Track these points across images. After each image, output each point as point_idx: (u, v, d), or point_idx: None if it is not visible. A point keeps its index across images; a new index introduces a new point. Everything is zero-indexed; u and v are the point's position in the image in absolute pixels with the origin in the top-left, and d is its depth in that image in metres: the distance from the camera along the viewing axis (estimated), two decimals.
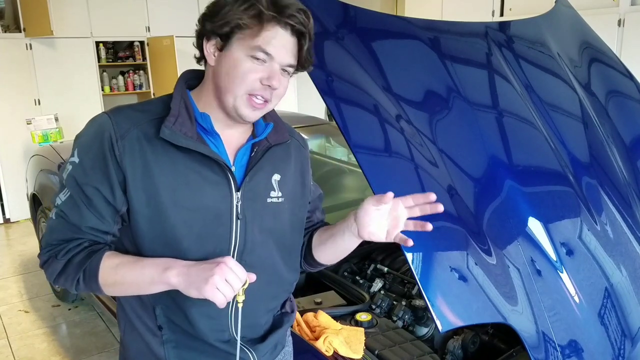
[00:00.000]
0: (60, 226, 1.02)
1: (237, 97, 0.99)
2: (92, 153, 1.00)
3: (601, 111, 1.96)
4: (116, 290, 1.02)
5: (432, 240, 1.30)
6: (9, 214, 5.41)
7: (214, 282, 0.89)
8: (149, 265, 0.98)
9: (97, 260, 0.99)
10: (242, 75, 0.97)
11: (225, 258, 0.93)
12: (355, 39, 1.49)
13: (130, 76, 6.27)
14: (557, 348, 1.33)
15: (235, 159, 1.08)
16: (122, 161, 0.98)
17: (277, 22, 0.95)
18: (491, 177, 1.51)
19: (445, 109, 1.57)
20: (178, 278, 0.94)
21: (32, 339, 3.17)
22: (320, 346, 1.43)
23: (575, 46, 2.13)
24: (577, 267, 1.49)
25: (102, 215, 1.01)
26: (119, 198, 1.00)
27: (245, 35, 0.96)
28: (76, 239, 1.02)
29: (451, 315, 1.21)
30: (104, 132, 0.99)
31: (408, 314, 1.69)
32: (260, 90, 0.99)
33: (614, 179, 1.80)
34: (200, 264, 0.94)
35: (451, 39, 1.76)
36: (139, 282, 0.98)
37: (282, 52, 0.97)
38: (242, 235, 1.07)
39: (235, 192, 1.05)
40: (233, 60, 0.97)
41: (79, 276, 1.00)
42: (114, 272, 0.99)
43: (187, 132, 1.00)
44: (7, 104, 5.16)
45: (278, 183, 1.12)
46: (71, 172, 1.02)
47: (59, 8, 5.21)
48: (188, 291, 0.93)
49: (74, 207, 1.01)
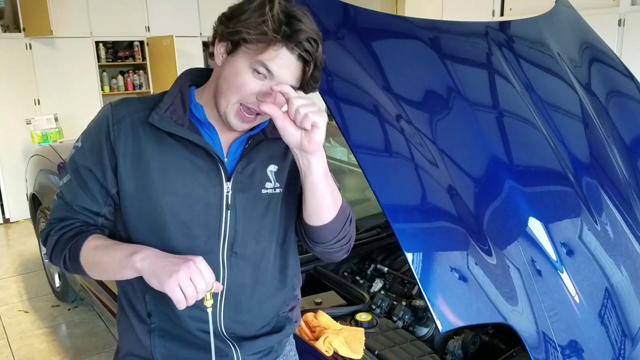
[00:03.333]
0: (58, 205, 1.08)
1: (230, 104, 0.99)
2: (92, 138, 1.05)
3: (601, 111, 1.96)
4: (94, 272, 1.04)
5: (432, 240, 1.30)
6: (8, 214, 5.41)
7: (177, 278, 0.88)
8: (123, 248, 0.99)
9: (82, 240, 1.02)
10: (240, 86, 0.97)
11: (195, 257, 0.92)
12: (355, 38, 1.49)
13: (130, 76, 6.27)
14: (558, 348, 1.33)
15: (229, 150, 1.08)
16: (116, 144, 1.02)
17: (285, 44, 0.94)
18: (491, 177, 1.51)
19: (445, 109, 1.57)
20: (142, 263, 0.93)
21: (31, 339, 3.17)
22: (320, 346, 1.43)
23: (575, 46, 2.13)
24: (577, 267, 1.49)
25: (93, 196, 1.05)
26: (110, 179, 1.04)
27: (252, 47, 0.96)
28: (70, 219, 1.06)
29: (451, 316, 1.21)
30: (103, 118, 1.05)
31: (408, 314, 1.69)
32: (253, 104, 0.99)
33: (614, 179, 1.80)
34: (170, 256, 0.94)
35: (451, 38, 1.76)
36: (111, 264, 0.99)
37: (284, 72, 0.97)
38: (232, 226, 1.06)
39: (225, 182, 1.05)
40: (235, 68, 0.98)
41: (65, 253, 1.04)
42: (92, 253, 1.01)
43: (178, 120, 1.02)
44: (7, 104, 5.16)
45: (275, 174, 1.11)
46: (73, 155, 1.08)
47: (59, 8, 5.21)
48: (150, 280, 0.92)
49: (71, 188, 1.06)
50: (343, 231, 1.11)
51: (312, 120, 0.93)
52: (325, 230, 1.08)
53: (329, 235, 1.10)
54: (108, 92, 6.07)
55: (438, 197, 1.37)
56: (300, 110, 0.93)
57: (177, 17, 6.06)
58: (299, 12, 0.96)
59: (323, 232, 1.09)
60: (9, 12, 5.46)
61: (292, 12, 0.95)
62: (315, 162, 0.99)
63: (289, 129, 0.95)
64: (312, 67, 0.98)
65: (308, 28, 0.95)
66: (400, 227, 1.24)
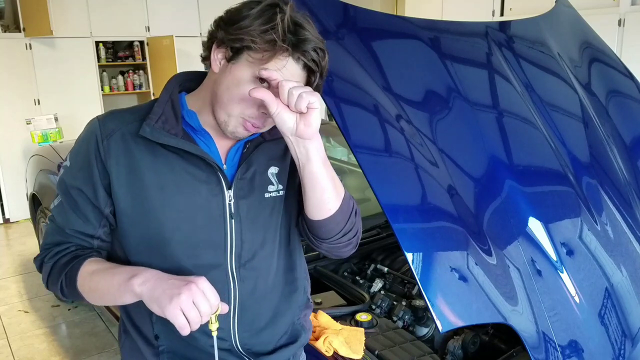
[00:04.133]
0: (51, 230, 1.03)
1: (231, 116, 0.94)
2: (80, 156, 1.00)
3: (601, 111, 1.96)
4: (93, 297, 0.98)
5: (432, 240, 1.30)
6: (8, 214, 5.41)
7: (179, 303, 0.82)
8: (120, 272, 0.93)
9: (77, 265, 0.97)
10: (242, 97, 0.92)
11: (197, 278, 0.86)
12: (355, 38, 1.49)
13: (130, 76, 6.27)
14: (558, 348, 1.33)
15: (227, 157, 1.03)
16: (107, 160, 0.97)
17: (290, 54, 0.89)
18: (491, 177, 1.51)
19: (445, 109, 1.57)
20: (141, 287, 0.88)
21: (31, 339, 3.17)
22: (320, 346, 1.43)
23: (575, 46, 2.13)
24: (577, 267, 1.49)
25: (86, 218, 1.00)
26: (102, 199, 0.98)
27: (255, 57, 0.90)
28: (64, 243, 1.01)
29: (451, 316, 1.21)
30: (91, 134, 0.99)
31: (408, 314, 1.69)
32: (255, 117, 0.94)
33: (614, 179, 1.80)
34: (171, 278, 0.88)
35: (451, 38, 1.76)
36: (110, 290, 0.94)
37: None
38: (238, 236, 1.02)
39: (226, 190, 1.00)
40: (237, 78, 0.92)
41: (62, 280, 0.99)
42: (90, 279, 0.96)
43: (171, 130, 0.96)
44: (7, 104, 5.16)
45: (276, 176, 1.06)
46: (62, 176, 1.02)
47: (59, 8, 5.21)
48: (150, 305, 0.87)
49: (62, 211, 1.01)
50: (349, 223, 1.05)
51: (307, 100, 0.87)
52: (330, 224, 1.02)
53: (334, 228, 1.03)
54: (108, 92, 6.07)
55: (438, 197, 1.37)
56: (294, 91, 0.87)
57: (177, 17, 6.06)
58: (303, 19, 0.91)
59: (328, 225, 1.02)
60: (9, 12, 5.46)
61: (297, 20, 0.90)
62: (314, 150, 0.93)
63: (283, 115, 0.89)
64: (317, 77, 0.93)
65: (314, 36, 0.90)
66: (400, 227, 1.24)
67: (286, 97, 0.88)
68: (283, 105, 0.89)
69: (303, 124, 0.90)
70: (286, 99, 0.88)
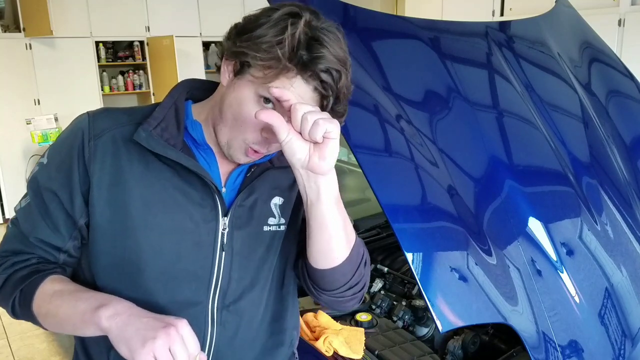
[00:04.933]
0: (12, 236, 0.88)
1: (233, 140, 0.84)
2: (61, 154, 0.86)
3: (601, 111, 1.96)
4: (50, 323, 0.83)
5: (432, 240, 1.30)
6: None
7: (153, 348, 0.69)
8: (86, 299, 0.79)
9: (36, 281, 0.83)
10: (243, 118, 0.81)
11: (177, 320, 0.73)
12: (355, 38, 1.49)
13: (130, 76, 6.27)
14: (558, 348, 1.33)
15: (228, 179, 0.91)
16: (90, 164, 0.83)
17: (299, 73, 0.77)
18: (491, 177, 1.51)
19: (445, 109, 1.57)
20: (110, 322, 0.74)
21: (32, 339, 3.17)
22: (320, 346, 1.43)
23: (575, 46, 2.13)
24: (577, 267, 1.49)
25: (56, 227, 0.86)
26: (78, 207, 0.84)
27: (257, 74, 0.78)
28: (25, 253, 0.87)
29: (451, 316, 1.21)
30: (77, 131, 0.85)
31: (408, 314, 1.68)
32: (258, 143, 0.83)
33: (614, 179, 1.80)
34: (146, 315, 0.75)
35: (451, 39, 1.76)
36: (71, 318, 0.79)
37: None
38: (226, 272, 0.89)
39: (222, 217, 0.88)
40: (239, 96, 0.81)
41: (15, 296, 0.84)
42: (49, 301, 0.81)
43: (170, 140, 0.84)
44: (7, 104, 5.16)
45: (279, 207, 0.94)
46: (36, 173, 0.88)
47: (59, 8, 5.21)
48: (118, 346, 0.73)
49: (29, 215, 0.87)
50: (357, 275, 0.91)
51: (324, 128, 0.74)
52: (336, 274, 0.89)
53: (340, 279, 0.90)
54: (108, 92, 6.08)
55: (438, 197, 1.37)
56: (309, 117, 0.74)
57: (177, 17, 6.06)
58: (327, 33, 0.78)
59: (332, 276, 0.89)
60: (9, 12, 5.46)
61: (316, 34, 0.77)
62: (326, 187, 0.80)
63: (294, 144, 0.76)
64: (331, 101, 0.80)
65: (332, 55, 0.77)
66: (400, 227, 1.24)
67: (299, 124, 0.75)
68: (295, 132, 0.76)
69: (317, 156, 0.77)
70: (299, 126, 0.75)
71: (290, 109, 0.76)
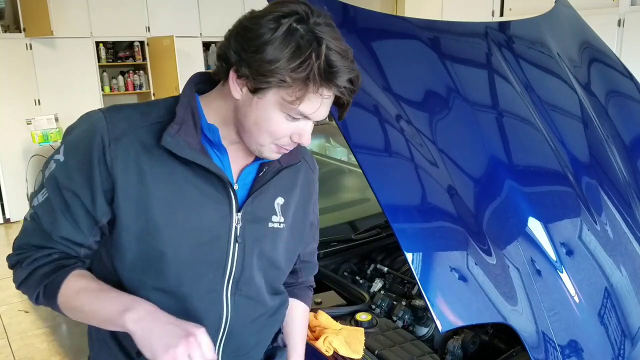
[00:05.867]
0: (33, 230, 0.93)
1: (265, 146, 0.91)
2: (79, 154, 0.89)
3: (601, 111, 1.96)
4: (75, 316, 0.90)
5: (432, 240, 1.30)
6: (9, 214, 5.41)
7: (175, 356, 0.77)
8: (112, 299, 0.87)
9: (60, 278, 0.89)
10: (273, 131, 0.88)
11: (197, 329, 0.81)
12: (355, 39, 1.49)
13: (130, 76, 6.27)
14: (557, 348, 1.33)
15: (240, 177, 0.98)
16: (113, 167, 0.87)
17: (325, 86, 0.83)
18: (491, 177, 1.52)
19: (445, 109, 1.57)
20: (135, 326, 0.81)
21: (32, 339, 3.17)
22: (320, 346, 1.43)
23: (575, 46, 2.13)
24: (577, 267, 1.49)
25: (77, 225, 0.90)
26: (100, 208, 0.89)
27: (285, 92, 0.83)
28: (46, 248, 0.92)
29: (451, 315, 1.21)
30: (95, 132, 0.88)
31: (408, 314, 1.69)
32: (288, 144, 0.92)
33: (614, 179, 1.80)
34: (169, 321, 0.82)
35: (451, 39, 1.76)
36: (97, 317, 0.87)
37: (322, 112, 0.87)
38: (239, 262, 0.98)
39: (235, 212, 0.95)
40: (265, 113, 0.86)
41: (39, 290, 0.91)
42: (75, 297, 0.88)
43: (191, 143, 0.89)
44: (7, 104, 5.17)
45: (281, 207, 1.02)
46: (53, 171, 0.91)
47: (59, 8, 5.21)
48: (141, 347, 0.80)
49: (49, 212, 0.90)
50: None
51: None
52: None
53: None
54: (108, 92, 6.08)
55: (438, 197, 1.38)
56: None
57: (177, 17, 6.07)
58: (325, 29, 0.83)
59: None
60: (9, 13, 5.46)
61: (328, 47, 0.82)
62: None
63: None
64: (349, 100, 0.89)
65: (348, 65, 0.84)
66: (400, 227, 1.24)
67: None
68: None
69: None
70: None
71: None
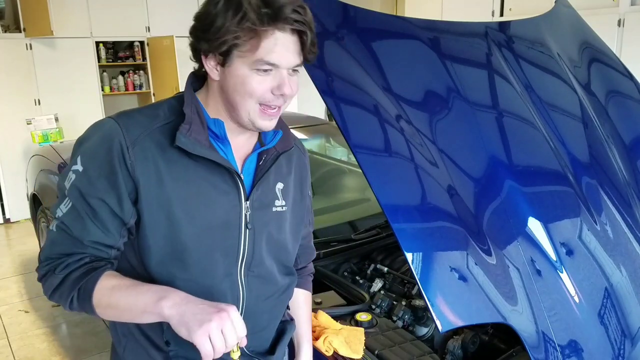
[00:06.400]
0: (62, 239, 0.96)
1: (251, 111, 0.95)
2: (99, 161, 0.93)
3: (601, 111, 1.96)
4: (109, 314, 0.95)
5: (432, 240, 1.30)
6: (9, 214, 5.41)
7: (208, 329, 0.82)
8: (145, 291, 0.91)
9: (94, 279, 0.93)
10: (252, 91, 0.93)
11: (229, 306, 0.86)
12: (355, 39, 1.50)
13: (130, 76, 6.27)
14: (557, 348, 1.33)
15: (244, 167, 1.05)
16: (135, 170, 0.92)
17: (274, 27, 0.89)
18: (491, 177, 1.52)
19: (445, 109, 1.57)
20: (171, 310, 0.86)
21: (32, 339, 3.17)
22: (320, 346, 1.43)
23: (575, 46, 2.13)
24: (577, 267, 1.49)
25: (107, 229, 0.95)
26: (127, 210, 0.94)
27: (245, 50, 0.90)
28: (77, 254, 0.95)
29: (451, 315, 1.21)
30: (112, 139, 0.93)
31: (408, 314, 1.69)
32: (273, 100, 0.95)
33: (614, 179, 1.80)
34: (201, 302, 0.87)
35: (451, 39, 1.76)
36: (133, 309, 0.91)
37: (286, 56, 0.91)
38: (250, 246, 1.04)
39: (244, 201, 1.02)
40: (239, 77, 0.93)
41: (74, 294, 0.94)
42: (109, 294, 0.92)
43: (201, 140, 0.95)
44: (7, 104, 5.16)
45: (281, 192, 1.10)
46: (74, 182, 0.95)
47: (59, 8, 5.21)
48: (178, 329, 0.85)
49: (77, 220, 0.94)
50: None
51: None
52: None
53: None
54: (108, 92, 6.08)
55: (438, 197, 1.38)
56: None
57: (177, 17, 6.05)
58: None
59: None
60: (9, 13, 5.46)
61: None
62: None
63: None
64: (308, 34, 0.92)
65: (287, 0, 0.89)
66: (400, 227, 1.24)
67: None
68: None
69: None
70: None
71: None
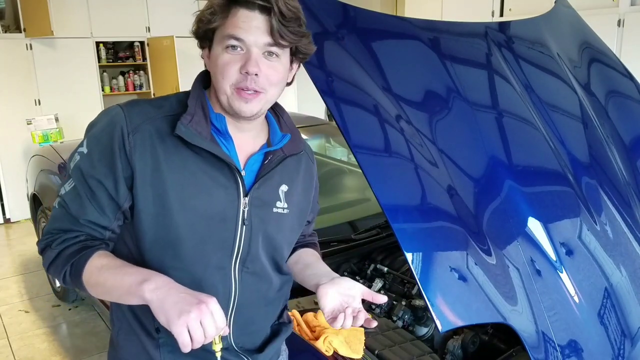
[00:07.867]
0: (61, 216, 1.01)
1: (227, 94, 0.98)
2: (101, 145, 0.98)
3: (601, 111, 1.96)
4: (98, 292, 0.97)
5: (432, 240, 1.30)
6: (9, 214, 5.41)
7: (187, 320, 0.83)
8: (131, 273, 0.93)
9: (86, 256, 0.97)
10: (222, 70, 0.96)
11: (208, 298, 0.87)
12: (355, 39, 1.50)
13: (130, 76, 6.27)
14: (557, 348, 1.33)
15: (247, 165, 1.06)
16: (132, 156, 0.96)
17: (239, 4, 0.93)
18: (491, 177, 1.52)
19: (445, 109, 1.57)
20: (152, 294, 0.87)
21: (32, 339, 3.17)
22: (320, 346, 1.43)
23: (575, 46, 2.13)
24: (576, 267, 1.50)
25: (102, 210, 0.98)
26: (123, 194, 0.98)
27: (218, 32, 0.96)
28: (74, 231, 1.00)
29: (451, 315, 1.21)
30: (115, 125, 0.98)
31: (408, 314, 1.69)
32: (243, 81, 0.96)
33: (613, 179, 1.80)
34: (183, 291, 0.88)
35: (451, 39, 1.76)
36: (118, 289, 0.93)
37: (253, 32, 0.93)
38: (246, 242, 1.05)
39: (243, 197, 1.02)
40: (214, 58, 0.98)
41: (67, 269, 0.98)
42: (98, 273, 0.95)
43: (202, 132, 0.98)
44: (8, 104, 5.16)
45: (285, 194, 1.10)
46: (78, 162, 1.00)
47: (59, 8, 5.21)
48: (157, 314, 0.86)
49: (76, 198, 0.99)
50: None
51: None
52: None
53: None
54: (109, 92, 6.08)
55: (438, 197, 1.38)
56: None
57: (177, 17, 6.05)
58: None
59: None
60: (9, 13, 5.46)
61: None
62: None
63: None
64: (277, 14, 0.92)
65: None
66: (400, 227, 1.24)
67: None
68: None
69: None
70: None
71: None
